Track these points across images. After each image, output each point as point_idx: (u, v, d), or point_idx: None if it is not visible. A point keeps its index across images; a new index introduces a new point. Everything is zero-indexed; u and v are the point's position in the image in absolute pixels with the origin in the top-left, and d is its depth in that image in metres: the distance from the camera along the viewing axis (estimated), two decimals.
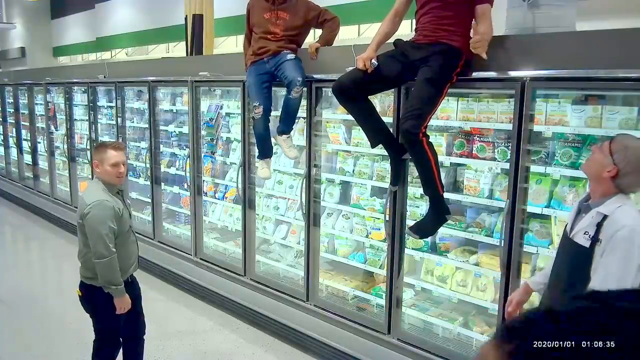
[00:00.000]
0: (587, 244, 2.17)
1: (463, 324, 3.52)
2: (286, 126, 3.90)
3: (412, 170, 3.64)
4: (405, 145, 2.94)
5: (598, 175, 2.19)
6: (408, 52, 3.02)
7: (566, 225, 2.35)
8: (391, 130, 3.35)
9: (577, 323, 0.55)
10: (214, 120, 4.80)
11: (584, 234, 2.19)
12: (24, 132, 8.95)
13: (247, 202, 4.64)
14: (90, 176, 6.65)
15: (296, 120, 4.03)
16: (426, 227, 3.11)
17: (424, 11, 2.98)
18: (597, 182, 2.21)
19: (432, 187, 2.98)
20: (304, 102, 3.88)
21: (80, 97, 7.21)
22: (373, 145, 3.29)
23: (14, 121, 9.19)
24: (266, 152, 4.07)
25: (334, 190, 4.20)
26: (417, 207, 3.65)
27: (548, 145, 3.00)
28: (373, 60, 3.04)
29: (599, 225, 2.14)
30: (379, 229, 3.86)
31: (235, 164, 4.91)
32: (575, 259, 2.23)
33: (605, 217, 2.14)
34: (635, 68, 2.43)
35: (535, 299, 2.64)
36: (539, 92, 2.88)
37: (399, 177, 3.41)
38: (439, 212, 3.04)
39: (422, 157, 2.91)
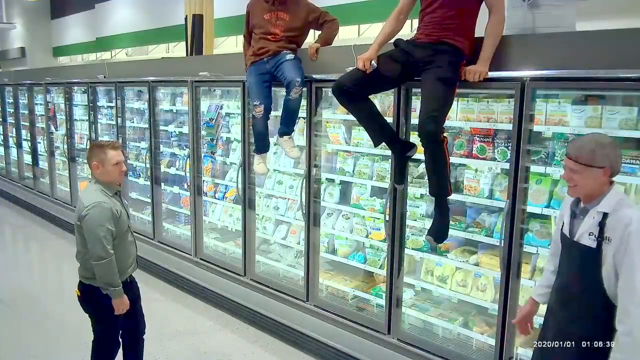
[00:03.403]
0: (593, 244, 2.17)
1: (463, 324, 3.52)
2: (287, 127, 3.92)
3: (412, 171, 3.65)
4: (424, 145, 2.92)
5: (598, 187, 2.19)
6: (411, 51, 3.02)
7: (562, 229, 2.36)
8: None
9: None
10: (214, 120, 4.80)
11: (589, 235, 2.19)
12: (24, 132, 8.95)
13: (247, 202, 4.64)
14: (89, 176, 6.64)
15: (296, 121, 4.03)
16: (443, 231, 3.10)
17: (429, 10, 2.98)
18: (595, 191, 2.21)
19: (443, 187, 2.99)
20: (303, 102, 3.88)
21: (80, 97, 7.22)
22: (376, 145, 3.29)
23: (14, 121, 9.20)
24: (263, 147, 4.11)
25: (334, 190, 4.20)
26: (417, 207, 3.65)
27: (548, 145, 3.00)
28: (373, 62, 3.04)
29: (601, 225, 2.15)
30: (379, 229, 3.86)
31: (235, 164, 4.91)
32: (584, 261, 2.23)
33: (605, 215, 2.14)
34: (635, 68, 2.43)
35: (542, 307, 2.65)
36: (539, 92, 2.88)
37: (404, 175, 3.41)
38: (446, 212, 3.06)
39: (440, 157, 2.92)
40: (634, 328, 2.04)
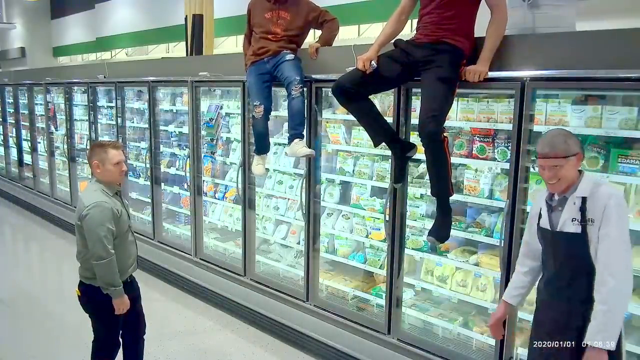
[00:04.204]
0: (578, 229, 2.24)
1: (463, 324, 3.52)
2: (296, 129, 3.77)
3: (412, 171, 3.65)
4: (425, 145, 2.93)
5: (575, 173, 2.30)
6: (410, 51, 3.02)
7: (539, 223, 2.40)
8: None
9: None
10: (214, 120, 4.80)
11: (572, 220, 2.26)
12: (24, 132, 8.95)
13: (247, 202, 4.64)
14: (89, 176, 6.65)
15: (304, 122, 3.85)
16: (444, 231, 3.10)
17: (427, 10, 2.98)
18: (573, 179, 2.30)
19: (444, 187, 3.00)
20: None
21: (80, 97, 7.22)
22: (375, 145, 3.30)
23: (14, 121, 9.19)
24: (264, 148, 4.10)
25: (334, 190, 4.20)
26: (417, 207, 3.65)
27: None
28: (372, 62, 3.05)
29: (582, 209, 2.23)
30: (379, 229, 3.86)
31: (235, 164, 4.91)
32: (571, 248, 2.29)
33: (584, 199, 2.24)
34: (635, 68, 2.43)
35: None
36: (539, 92, 2.88)
37: (403, 175, 3.42)
38: (447, 212, 3.06)
39: (441, 157, 2.93)
40: (609, 297, 2.16)
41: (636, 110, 2.70)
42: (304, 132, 3.82)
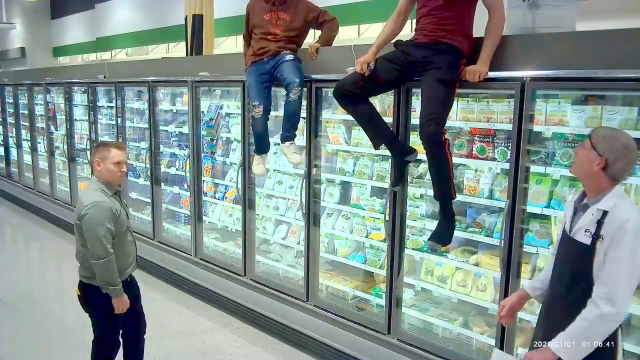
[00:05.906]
0: (588, 241, 2.18)
1: (463, 324, 3.52)
2: (288, 132, 3.86)
3: (412, 171, 3.65)
4: (426, 147, 2.92)
5: (589, 172, 2.20)
6: (410, 52, 3.02)
7: (564, 225, 2.37)
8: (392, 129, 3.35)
9: None
10: (214, 121, 4.80)
11: (585, 231, 2.20)
12: (24, 132, 8.95)
13: (247, 202, 4.64)
14: (89, 176, 6.64)
15: (297, 125, 3.96)
16: (446, 235, 3.09)
17: (424, 12, 2.98)
18: (589, 179, 2.23)
19: (447, 190, 2.98)
20: (304, 103, 3.88)
21: (80, 97, 7.22)
22: (376, 147, 3.29)
23: (14, 121, 9.19)
24: (264, 147, 4.11)
25: (334, 191, 4.20)
26: (417, 207, 3.65)
27: (548, 145, 3.00)
28: (370, 64, 3.05)
29: (599, 223, 2.16)
30: (379, 229, 3.86)
31: (235, 164, 4.91)
32: (576, 258, 2.24)
33: (605, 213, 2.16)
34: (635, 68, 2.43)
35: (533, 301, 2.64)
36: (539, 92, 2.88)
37: (402, 177, 3.42)
38: (450, 216, 3.05)
39: (442, 160, 2.91)
40: (598, 321, 2.09)
41: (636, 110, 2.70)
42: (296, 134, 3.90)
